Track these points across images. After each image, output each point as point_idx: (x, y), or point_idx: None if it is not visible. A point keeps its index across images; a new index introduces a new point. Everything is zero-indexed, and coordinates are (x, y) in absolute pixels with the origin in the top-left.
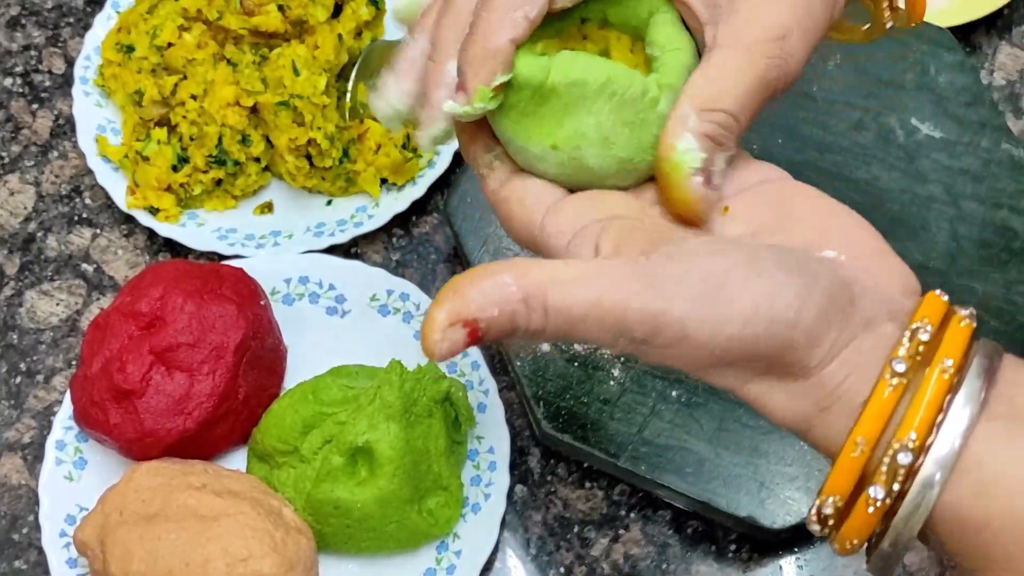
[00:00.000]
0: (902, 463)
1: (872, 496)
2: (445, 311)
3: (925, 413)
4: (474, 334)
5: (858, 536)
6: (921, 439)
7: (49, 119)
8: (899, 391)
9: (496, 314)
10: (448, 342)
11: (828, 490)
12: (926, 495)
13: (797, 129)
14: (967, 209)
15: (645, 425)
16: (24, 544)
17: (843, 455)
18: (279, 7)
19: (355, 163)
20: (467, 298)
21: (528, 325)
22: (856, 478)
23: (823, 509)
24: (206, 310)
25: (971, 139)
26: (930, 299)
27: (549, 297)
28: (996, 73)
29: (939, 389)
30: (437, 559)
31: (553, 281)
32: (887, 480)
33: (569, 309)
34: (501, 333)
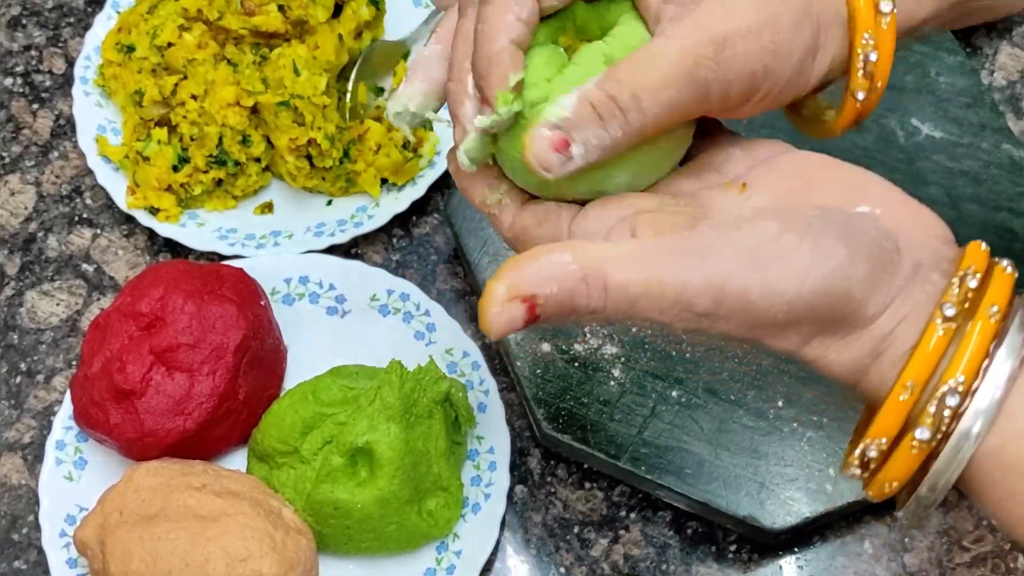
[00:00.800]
0: (949, 404)
1: (918, 437)
2: (505, 286)
3: (972, 357)
4: (532, 310)
5: (898, 478)
6: (968, 383)
7: (50, 119)
8: (948, 336)
9: (555, 291)
10: (507, 316)
11: (874, 433)
12: (969, 437)
13: (796, 131)
14: (967, 211)
15: (645, 426)
16: (24, 544)
17: (892, 397)
18: (279, 7)
19: (355, 163)
20: (527, 273)
21: (588, 303)
22: (903, 420)
23: (867, 452)
24: (206, 310)
25: (971, 141)
26: (973, 248)
27: (609, 275)
28: (997, 73)
29: (986, 334)
30: (437, 559)
31: (612, 259)
32: (934, 422)
33: (628, 287)
34: (560, 311)
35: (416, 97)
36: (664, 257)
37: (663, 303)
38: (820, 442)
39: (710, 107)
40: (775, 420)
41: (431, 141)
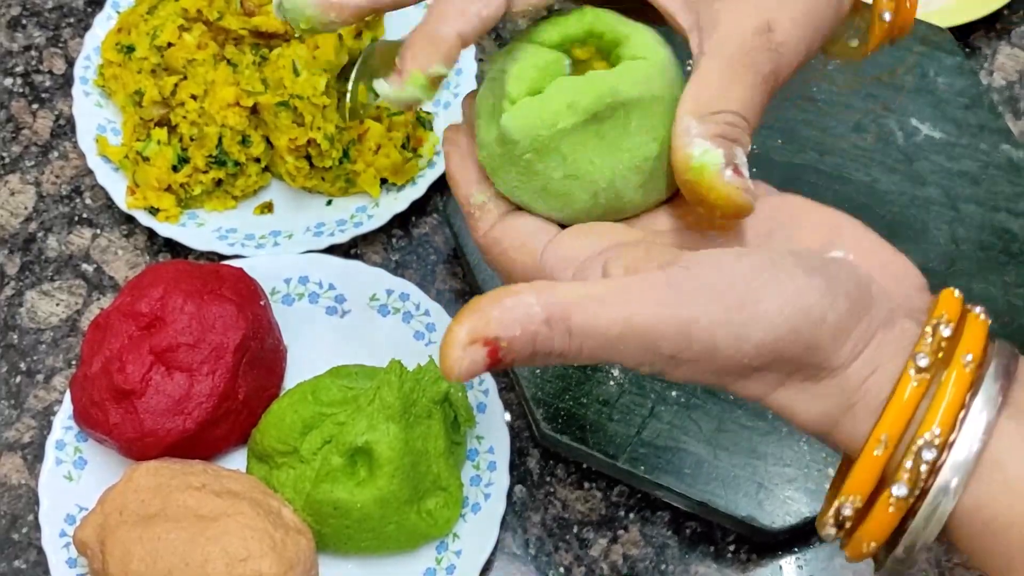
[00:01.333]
0: (926, 459)
1: (895, 494)
2: (465, 329)
3: (947, 409)
4: (494, 354)
5: (876, 538)
6: (944, 435)
7: (49, 119)
8: (923, 387)
9: (518, 333)
10: (468, 361)
11: (848, 490)
12: (947, 492)
13: (796, 131)
14: (966, 211)
15: (644, 426)
16: (24, 544)
17: (865, 453)
18: None
19: (355, 163)
20: (488, 316)
21: (552, 346)
22: (877, 477)
23: (842, 510)
24: (206, 310)
25: (970, 141)
26: (946, 296)
27: (573, 318)
28: (996, 74)
29: (961, 385)
30: (437, 559)
31: (577, 301)
32: (911, 478)
33: (595, 329)
34: (523, 354)
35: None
36: (632, 298)
37: (629, 346)
38: (819, 442)
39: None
40: (774, 420)
41: (431, 141)
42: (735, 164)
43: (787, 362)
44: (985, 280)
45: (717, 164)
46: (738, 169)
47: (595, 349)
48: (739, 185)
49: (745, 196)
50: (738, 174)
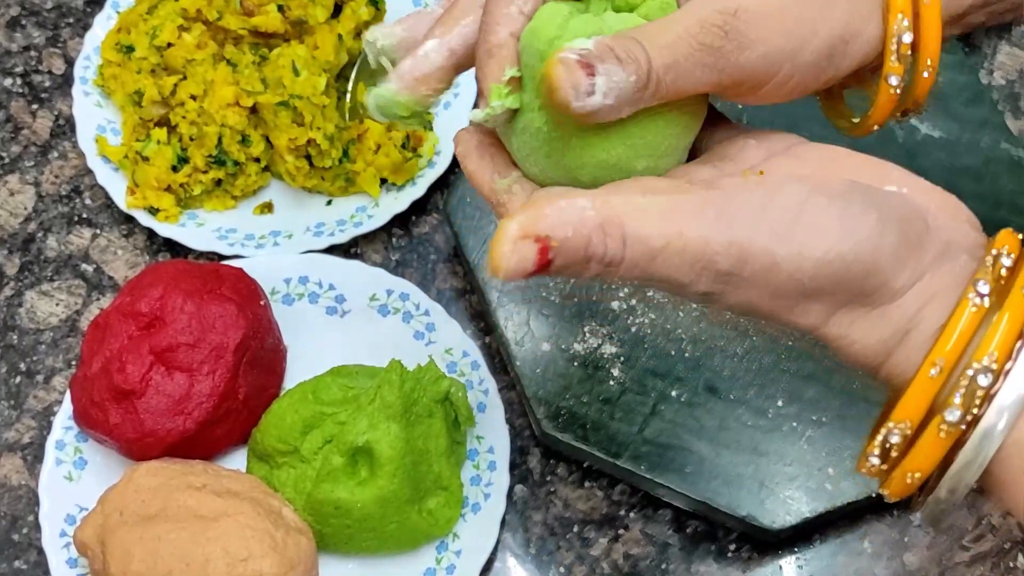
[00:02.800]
0: (981, 384)
1: (948, 419)
2: (518, 223)
3: (1005, 336)
4: (544, 253)
5: (923, 468)
6: (1001, 362)
7: (49, 119)
8: (980, 314)
9: (571, 235)
10: (518, 256)
11: (899, 415)
12: (1000, 422)
13: (798, 128)
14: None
15: (645, 425)
16: (24, 544)
17: (920, 375)
18: (279, 7)
19: (355, 163)
20: (542, 214)
21: (605, 252)
22: (930, 401)
23: (889, 438)
24: (206, 310)
25: (971, 138)
26: (1006, 233)
27: (628, 226)
28: (996, 72)
29: (1020, 313)
30: (437, 559)
31: (633, 210)
32: (964, 403)
33: (649, 239)
34: (575, 258)
35: (391, 38)
36: (687, 212)
37: (684, 259)
38: (820, 440)
39: (724, 81)
40: (775, 419)
41: (430, 141)
42: (593, 68)
43: (846, 285)
44: None
45: (570, 47)
46: (592, 70)
47: (649, 259)
48: (559, 71)
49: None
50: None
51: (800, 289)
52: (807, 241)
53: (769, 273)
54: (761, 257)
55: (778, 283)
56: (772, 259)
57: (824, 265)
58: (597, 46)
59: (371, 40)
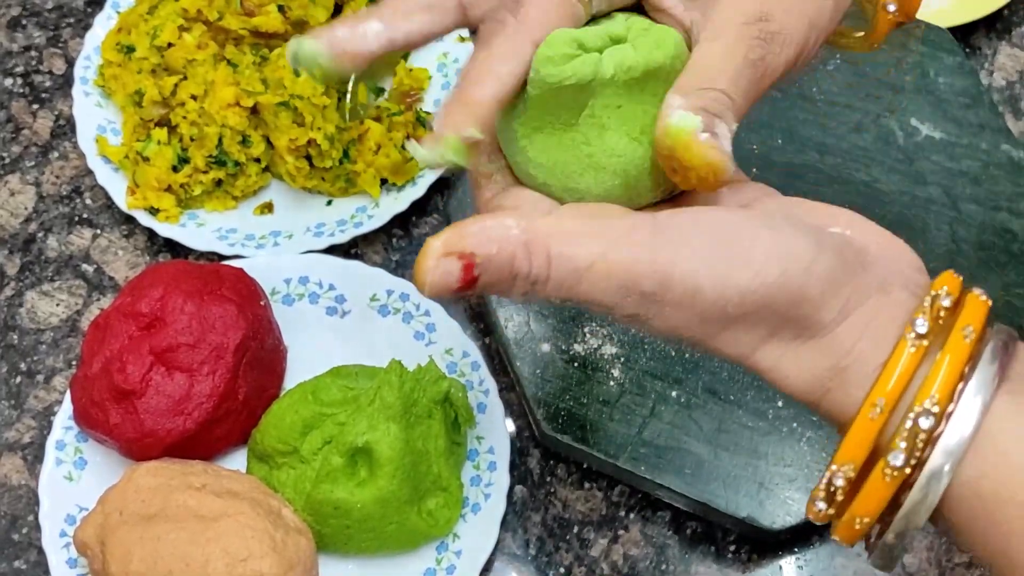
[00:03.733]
0: (923, 427)
1: (891, 463)
2: (441, 240)
3: (946, 377)
4: (469, 269)
5: (869, 512)
6: (943, 405)
7: (49, 119)
8: (919, 353)
9: (495, 251)
10: (441, 271)
11: (841, 458)
12: (946, 465)
13: (797, 131)
14: (966, 211)
15: (644, 426)
16: (24, 544)
17: (860, 418)
18: (279, 8)
19: (355, 164)
20: (467, 232)
21: (530, 271)
22: (871, 443)
23: (834, 481)
24: (206, 310)
25: (970, 141)
26: (947, 275)
27: (553, 245)
28: (996, 74)
29: (960, 355)
30: (437, 559)
31: (558, 230)
32: (908, 447)
33: (573, 259)
34: (499, 276)
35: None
36: (615, 234)
37: (609, 280)
38: (819, 442)
39: (776, 77)
40: (774, 420)
41: None
42: (714, 131)
43: (773, 312)
44: (985, 280)
45: (694, 126)
46: (716, 136)
47: (573, 280)
48: (714, 145)
49: (721, 155)
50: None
51: (726, 315)
52: (734, 267)
53: (694, 297)
54: (685, 281)
55: (703, 308)
56: (696, 283)
57: (749, 292)
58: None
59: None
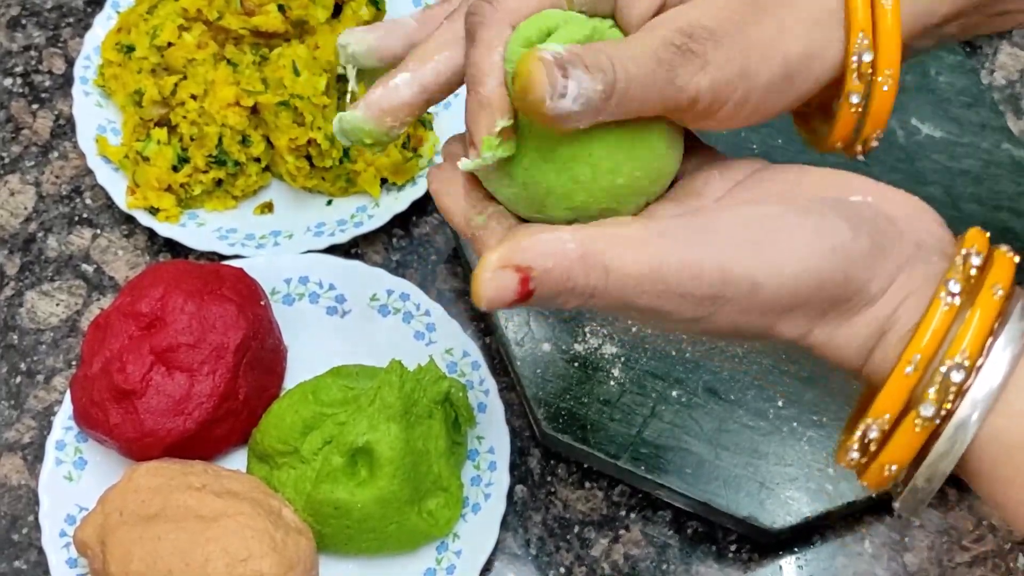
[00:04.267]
0: (954, 380)
1: (922, 414)
2: (499, 253)
3: (975, 333)
4: (525, 283)
5: (900, 460)
6: (972, 359)
7: (49, 119)
8: (952, 312)
9: (551, 265)
10: (497, 284)
11: (877, 411)
12: (973, 415)
13: (790, 130)
14: (967, 211)
15: (645, 426)
16: (24, 544)
17: (896, 372)
18: (279, 7)
19: (355, 163)
20: (522, 245)
21: (587, 282)
22: (907, 396)
23: (868, 433)
24: (206, 310)
25: (971, 140)
26: (974, 232)
27: (609, 256)
28: (997, 73)
29: (990, 311)
30: (437, 559)
31: (612, 241)
32: (938, 398)
33: (629, 267)
34: (556, 288)
35: (362, 44)
36: (665, 239)
37: (666, 285)
38: (820, 442)
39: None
40: (775, 420)
41: (431, 141)
42: (567, 73)
43: (825, 295)
44: None
45: (550, 48)
46: (561, 66)
47: (631, 288)
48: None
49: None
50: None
51: (783, 304)
52: (784, 258)
53: (752, 293)
54: (743, 278)
55: (761, 301)
56: (753, 279)
57: (802, 279)
58: (569, 52)
59: (343, 44)
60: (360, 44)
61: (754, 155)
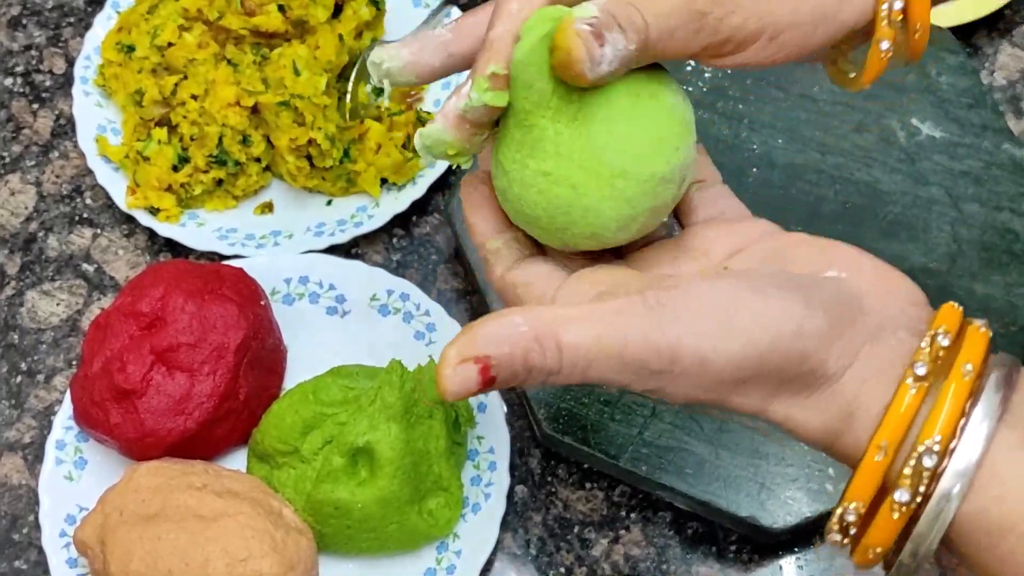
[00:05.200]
0: (927, 466)
1: (897, 500)
2: (456, 348)
3: (948, 416)
4: (486, 371)
5: (881, 544)
6: (945, 442)
7: (50, 119)
8: (921, 395)
9: (507, 351)
10: (460, 378)
11: (850, 496)
12: (950, 499)
13: (798, 130)
14: (968, 211)
15: (645, 426)
16: (24, 544)
17: (866, 459)
18: (280, 7)
19: (355, 163)
20: (478, 336)
21: (544, 363)
22: (879, 483)
23: (845, 516)
24: (207, 310)
25: (972, 141)
26: (946, 309)
27: (562, 335)
28: (997, 73)
29: (961, 393)
30: (437, 559)
31: (565, 320)
32: (912, 483)
33: (582, 346)
34: (515, 373)
35: (397, 60)
36: (617, 317)
37: (619, 362)
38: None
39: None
40: None
41: None
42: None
43: (777, 372)
44: (987, 280)
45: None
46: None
47: (586, 365)
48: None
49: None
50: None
51: (732, 379)
52: (734, 334)
53: (701, 368)
54: (690, 355)
55: (712, 376)
56: (701, 356)
57: (752, 355)
58: (603, 13)
59: (377, 62)
60: (395, 61)
61: (756, 154)
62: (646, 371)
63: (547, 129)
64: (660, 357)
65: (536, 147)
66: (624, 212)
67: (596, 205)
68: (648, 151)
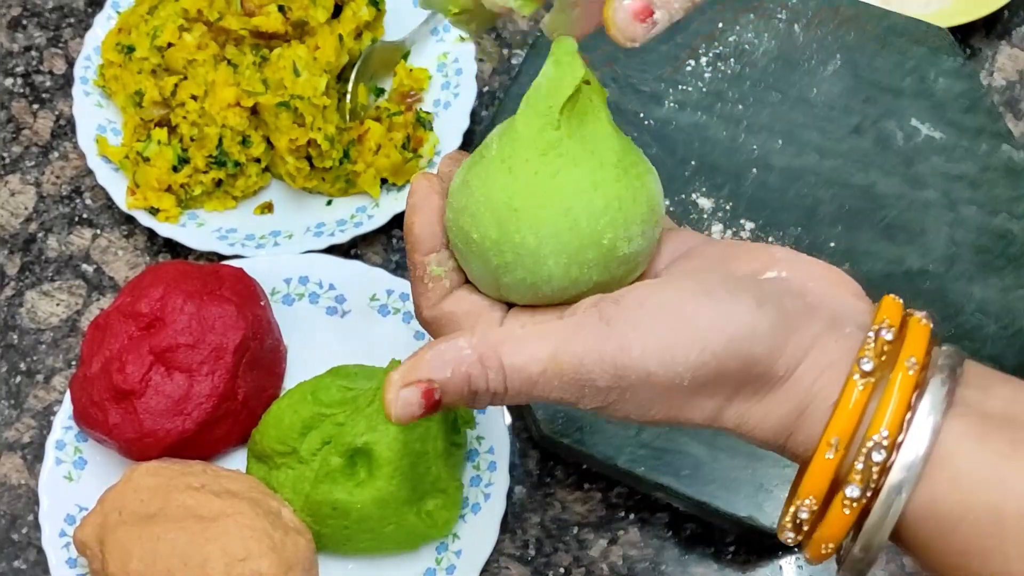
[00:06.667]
0: (876, 460)
1: (848, 496)
2: (400, 372)
3: (894, 411)
4: (430, 394)
5: (833, 539)
6: (892, 436)
7: (50, 120)
8: (868, 390)
9: (450, 374)
10: (403, 401)
11: (803, 493)
12: (900, 491)
13: (795, 133)
14: (965, 214)
15: (643, 428)
16: (24, 544)
17: (817, 456)
18: (280, 8)
19: (355, 164)
20: (421, 360)
21: (487, 385)
22: (830, 479)
23: (798, 514)
24: (206, 311)
25: (969, 144)
26: (887, 302)
27: (504, 356)
28: (996, 74)
29: (906, 387)
30: (437, 559)
31: (506, 341)
32: (862, 479)
33: (526, 366)
34: (459, 395)
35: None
36: (558, 336)
37: (563, 380)
38: None
39: None
40: None
41: (431, 141)
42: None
43: (729, 378)
44: (984, 283)
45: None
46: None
47: (530, 385)
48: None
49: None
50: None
51: (684, 389)
52: (679, 345)
53: (648, 382)
54: (636, 370)
55: (661, 389)
56: (646, 370)
57: (699, 365)
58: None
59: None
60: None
61: (754, 156)
62: (595, 387)
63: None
64: (605, 373)
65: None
66: (572, 274)
67: (548, 257)
68: (620, 228)
